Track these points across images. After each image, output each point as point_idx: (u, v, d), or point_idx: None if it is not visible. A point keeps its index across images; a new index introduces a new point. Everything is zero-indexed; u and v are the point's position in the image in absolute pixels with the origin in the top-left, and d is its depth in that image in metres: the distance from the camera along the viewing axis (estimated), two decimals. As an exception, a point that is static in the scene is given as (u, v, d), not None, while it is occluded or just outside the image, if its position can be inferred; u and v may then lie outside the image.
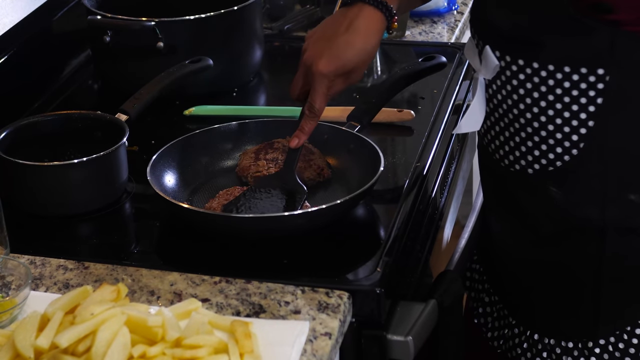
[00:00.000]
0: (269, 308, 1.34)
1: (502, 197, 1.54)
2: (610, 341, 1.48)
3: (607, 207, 1.41)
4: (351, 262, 1.45)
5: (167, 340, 1.18)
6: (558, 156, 1.42)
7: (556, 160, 1.42)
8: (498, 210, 1.57)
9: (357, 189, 1.48)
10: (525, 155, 1.45)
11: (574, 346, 1.50)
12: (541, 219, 1.48)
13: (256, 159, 1.62)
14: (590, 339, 1.49)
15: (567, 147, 1.40)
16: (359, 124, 1.65)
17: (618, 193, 1.41)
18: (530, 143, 1.43)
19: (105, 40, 1.89)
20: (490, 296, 1.65)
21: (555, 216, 1.46)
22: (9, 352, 1.17)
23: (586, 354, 1.49)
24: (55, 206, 1.55)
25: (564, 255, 1.48)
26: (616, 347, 1.47)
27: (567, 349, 1.51)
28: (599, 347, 1.48)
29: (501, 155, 1.49)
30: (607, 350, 1.48)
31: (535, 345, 1.54)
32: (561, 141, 1.40)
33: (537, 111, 1.40)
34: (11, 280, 1.36)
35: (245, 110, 1.86)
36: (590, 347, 1.49)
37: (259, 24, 2.01)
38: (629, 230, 1.42)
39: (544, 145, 1.42)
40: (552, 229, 1.47)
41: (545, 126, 1.40)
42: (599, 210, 1.42)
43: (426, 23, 2.22)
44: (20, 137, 1.61)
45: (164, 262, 1.46)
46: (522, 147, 1.44)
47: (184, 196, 1.58)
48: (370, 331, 1.39)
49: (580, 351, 1.50)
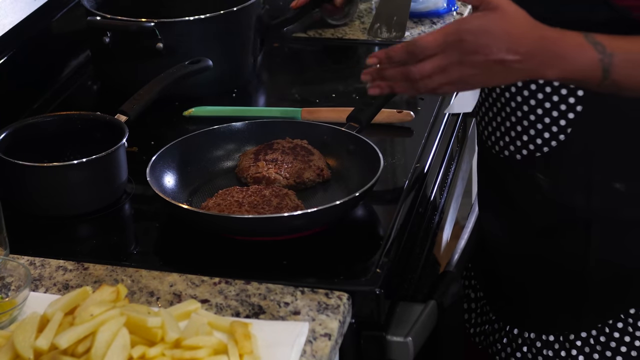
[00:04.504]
0: (269, 309, 1.34)
1: (494, 188, 1.57)
2: (592, 334, 1.49)
3: (592, 196, 1.43)
4: (351, 263, 1.45)
5: (166, 341, 1.18)
6: (545, 141, 1.43)
7: (543, 145, 1.43)
8: (490, 203, 1.59)
9: (356, 190, 1.48)
10: (515, 140, 1.46)
11: (555, 339, 1.52)
12: (528, 209, 1.50)
13: (256, 159, 1.62)
14: (573, 332, 1.50)
15: (555, 132, 1.41)
16: (358, 124, 1.65)
17: (603, 181, 1.42)
18: (520, 127, 1.44)
19: (105, 41, 1.89)
20: (476, 292, 1.66)
21: (542, 206, 1.47)
22: (9, 353, 1.17)
23: (567, 347, 1.51)
24: (54, 207, 1.55)
25: (550, 248, 1.50)
26: (597, 341, 1.49)
27: (547, 342, 1.53)
28: (580, 340, 1.50)
29: (493, 142, 1.51)
30: (589, 343, 1.49)
31: (515, 339, 1.56)
32: (549, 126, 1.41)
33: (527, 94, 1.41)
34: (11, 281, 1.36)
35: (244, 111, 1.86)
36: (572, 339, 1.50)
37: (259, 25, 2.01)
38: (614, 221, 1.43)
39: (532, 130, 1.43)
40: (539, 221, 1.49)
41: (534, 110, 1.42)
42: (585, 198, 1.43)
43: (425, 24, 2.22)
44: (20, 137, 1.61)
45: (163, 263, 1.46)
46: (512, 131, 1.46)
47: (184, 197, 1.58)
48: (369, 332, 1.39)
49: (561, 344, 1.51)
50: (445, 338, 1.52)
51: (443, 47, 1.24)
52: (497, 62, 1.24)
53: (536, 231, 1.50)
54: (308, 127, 1.70)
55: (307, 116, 1.82)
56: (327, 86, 2.00)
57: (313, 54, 2.17)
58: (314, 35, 2.19)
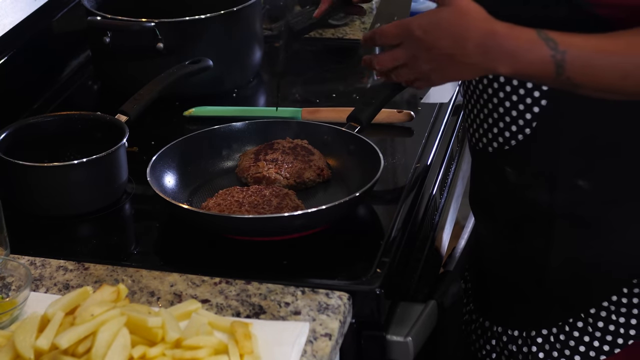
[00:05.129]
0: (269, 309, 1.34)
1: (475, 182, 1.58)
2: (553, 332, 1.50)
3: (556, 192, 1.43)
4: (351, 263, 1.45)
5: (167, 341, 1.18)
6: (513, 134, 1.43)
7: (511, 139, 1.44)
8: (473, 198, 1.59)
9: (356, 190, 1.48)
10: (487, 132, 1.47)
11: (519, 334, 1.53)
12: (498, 203, 1.51)
13: (256, 159, 1.62)
14: (534, 329, 1.50)
15: (521, 126, 1.42)
16: (358, 124, 1.65)
17: (567, 177, 1.42)
18: (491, 120, 1.45)
19: (105, 41, 1.89)
20: (466, 283, 1.67)
21: (509, 200, 1.48)
22: (9, 353, 1.17)
23: (529, 343, 1.52)
24: (55, 207, 1.55)
25: (515, 244, 1.51)
26: (557, 339, 1.49)
27: (512, 337, 1.54)
28: (541, 337, 1.51)
29: (471, 133, 1.52)
30: (549, 340, 1.50)
31: (486, 332, 1.58)
32: (516, 119, 1.42)
33: (497, 87, 1.42)
34: (11, 281, 1.36)
35: (245, 111, 1.86)
36: (533, 336, 1.52)
37: (258, 25, 2.01)
38: (577, 218, 1.43)
39: (501, 123, 1.44)
40: (507, 215, 1.50)
41: (503, 102, 1.42)
42: (548, 194, 1.43)
43: (426, 24, 2.22)
44: (20, 137, 1.61)
45: (164, 263, 1.46)
46: (485, 123, 1.47)
47: (184, 197, 1.58)
48: (370, 332, 1.39)
49: (524, 340, 1.52)
50: (445, 338, 1.52)
51: (398, 39, 1.30)
52: (447, 56, 1.26)
53: (504, 225, 1.51)
54: (308, 127, 1.70)
55: (307, 116, 1.82)
56: (328, 86, 2.00)
57: (313, 54, 2.17)
58: (314, 35, 2.19)
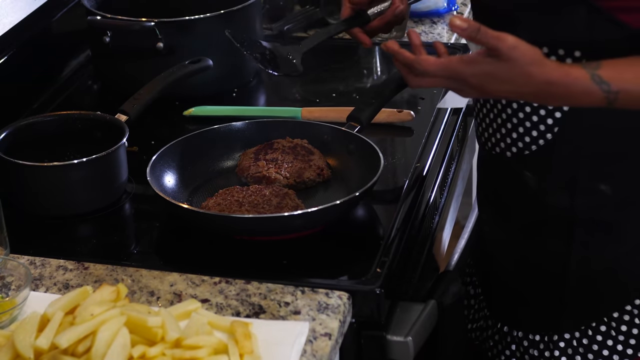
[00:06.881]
0: (269, 309, 1.34)
1: (488, 186, 1.57)
2: (575, 336, 1.50)
3: (577, 196, 1.43)
4: (351, 263, 1.45)
5: (166, 341, 1.18)
6: (533, 140, 1.43)
7: (532, 144, 1.44)
8: (484, 201, 1.59)
9: (356, 190, 1.48)
10: (505, 138, 1.47)
11: (540, 339, 1.53)
12: (515, 208, 1.50)
13: (256, 159, 1.62)
14: (555, 333, 1.50)
15: (542, 131, 1.42)
16: (358, 124, 1.65)
17: (589, 182, 1.42)
18: (510, 125, 1.45)
19: (105, 41, 1.89)
20: (475, 288, 1.67)
21: (528, 204, 1.48)
22: (9, 353, 1.17)
23: (551, 347, 1.51)
24: (55, 206, 1.55)
25: (534, 248, 1.50)
26: (580, 343, 1.49)
27: (533, 341, 1.54)
28: (563, 341, 1.50)
29: (486, 138, 1.52)
30: (572, 344, 1.50)
31: (505, 337, 1.57)
32: (537, 124, 1.42)
33: None
34: (11, 281, 1.36)
35: (245, 111, 1.86)
36: (555, 340, 1.51)
37: (258, 25, 2.01)
38: (597, 223, 1.43)
39: (521, 128, 1.44)
40: (525, 220, 1.50)
41: (523, 108, 1.43)
42: (569, 198, 1.43)
43: (426, 23, 2.23)
44: (20, 137, 1.61)
45: (163, 263, 1.46)
46: (503, 129, 1.47)
47: (184, 196, 1.58)
48: (370, 332, 1.39)
49: (545, 344, 1.52)
50: (445, 338, 1.52)
51: (445, 83, 1.33)
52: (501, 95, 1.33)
53: (521, 230, 1.50)
54: (308, 126, 1.70)
55: (307, 116, 1.82)
56: (327, 86, 2.00)
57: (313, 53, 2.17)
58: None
